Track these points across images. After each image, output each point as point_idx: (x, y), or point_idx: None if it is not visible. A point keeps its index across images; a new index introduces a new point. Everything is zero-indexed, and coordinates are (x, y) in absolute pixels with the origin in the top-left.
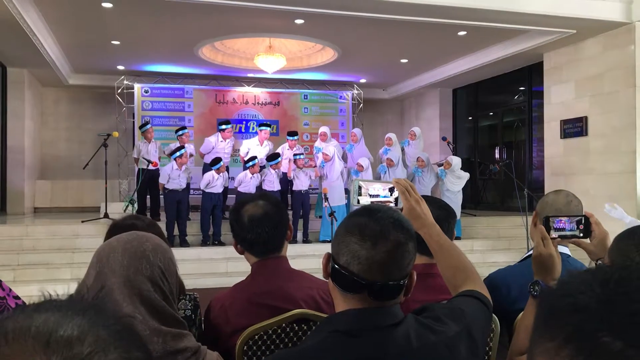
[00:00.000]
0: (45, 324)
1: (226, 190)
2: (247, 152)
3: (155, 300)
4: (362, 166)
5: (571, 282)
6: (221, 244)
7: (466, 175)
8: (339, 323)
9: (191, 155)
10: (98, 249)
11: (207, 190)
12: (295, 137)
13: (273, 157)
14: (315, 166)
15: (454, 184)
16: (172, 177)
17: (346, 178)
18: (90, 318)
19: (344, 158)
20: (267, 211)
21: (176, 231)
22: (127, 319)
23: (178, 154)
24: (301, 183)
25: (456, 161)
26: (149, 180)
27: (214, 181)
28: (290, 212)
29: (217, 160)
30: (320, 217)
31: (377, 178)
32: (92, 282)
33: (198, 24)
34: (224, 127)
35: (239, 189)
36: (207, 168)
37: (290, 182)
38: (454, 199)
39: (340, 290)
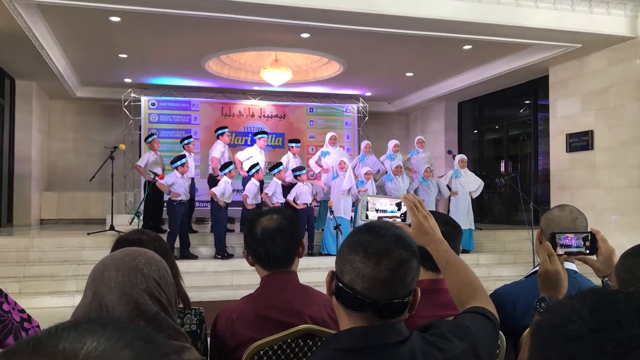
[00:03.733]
0: (94, 353)
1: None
2: (250, 158)
3: (154, 312)
4: (371, 172)
5: (561, 311)
6: (230, 256)
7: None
8: (343, 341)
9: (197, 167)
10: (92, 269)
11: (221, 199)
12: (299, 145)
13: (275, 166)
14: (316, 177)
15: (471, 182)
16: (178, 183)
17: (355, 191)
18: (141, 348)
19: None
20: (281, 226)
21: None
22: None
23: (179, 162)
24: (305, 197)
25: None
26: (156, 194)
27: (228, 187)
28: None
29: (228, 164)
30: (322, 230)
31: (381, 186)
32: (89, 302)
33: (205, 38)
34: (221, 131)
35: (249, 201)
36: (212, 179)
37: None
38: (464, 207)
39: (344, 309)
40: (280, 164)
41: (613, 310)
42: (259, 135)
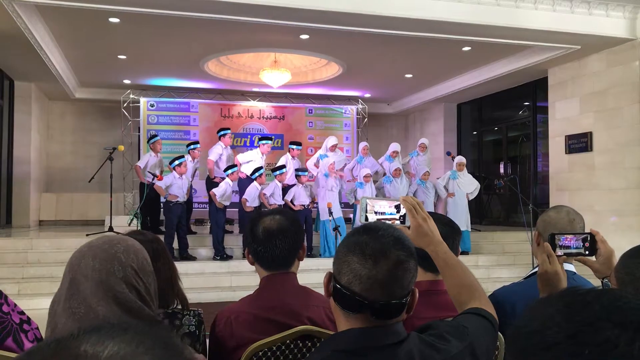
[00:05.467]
0: (115, 357)
1: None
2: (249, 162)
3: (131, 301)
4: (370, 175)
5: (535, 318)
6: (229, 257)
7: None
8: (341, 342)
9: (196, 169)
10: (70, 257)
11: (220, 201)
12: (300, 147)
13: (278, 168)
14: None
15: (468, 184)
16: (176, 184)
17: (344, 190)
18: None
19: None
20: (283, 227)
21: (175, 245)
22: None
23: (177, 162)
24: (303, 198)
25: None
26: (154, 195)
27: (229, 188)
28: None
29: (232, 166)
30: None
31: (379, 188)
32: (66, 290)
33: (204, 39)
34: (223, 132)
35: (248, 204)
36: (209, 181)
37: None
38: (461, 208)
39: (342, 310)
40: (284, 166)
41: (586, 313)
42: (264, 141)
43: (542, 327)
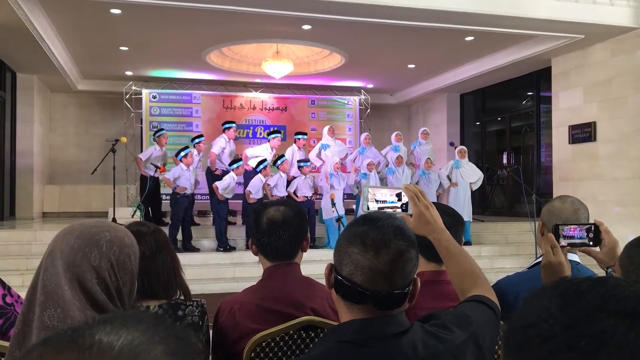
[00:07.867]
0: (129, 346)
1: None
2: (258, 156)
3: (96, 293)
4: (373, 163)
5: (531, 311)
6: (232, 248)
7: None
8: (344, 333)
9: (199, 161)
10: (63, 228)
11: (222, 193)
12: (305, 137)
13: (278, 158)
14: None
15: (471, 173)
16: (184, 176)
17: (350, 184)
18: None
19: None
20: (287, 218)
21: (179, 236)
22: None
23: (183, 154)
24: (305, 190)
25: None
26: (155, 187)
27: (232, 182)
28: None
29: (237, 159)
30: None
31: (382, 179)
32: (44, 260)
33: (206, 30)
34: (228, 125)
35: (252, 196)
36: (210, 173)
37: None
38: (463, 199)
39: (344, 301)
40: (283, 155)
41: (581, 303)
42: (273, 135)
43: (537, 320)
